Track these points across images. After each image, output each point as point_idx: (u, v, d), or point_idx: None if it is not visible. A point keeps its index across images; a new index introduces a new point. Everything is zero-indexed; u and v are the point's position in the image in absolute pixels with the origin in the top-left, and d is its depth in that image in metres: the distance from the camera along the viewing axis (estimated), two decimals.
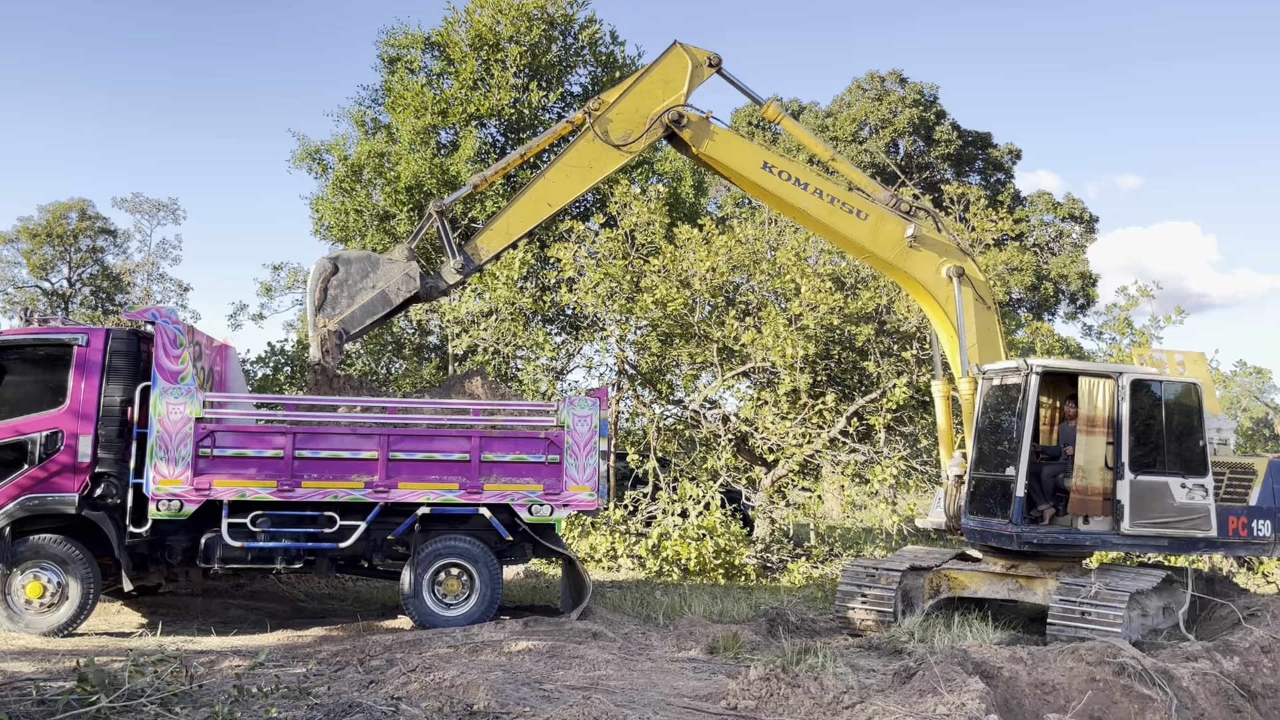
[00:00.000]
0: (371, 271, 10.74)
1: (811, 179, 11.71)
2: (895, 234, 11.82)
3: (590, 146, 11.19)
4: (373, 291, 10.69)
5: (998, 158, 40.04)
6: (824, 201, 11.63)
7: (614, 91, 11.51)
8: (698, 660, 9.10)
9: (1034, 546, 10.65)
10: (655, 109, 11.28)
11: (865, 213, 11.76)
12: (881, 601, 11.22)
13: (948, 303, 11.96)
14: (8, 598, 9.94)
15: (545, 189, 11.15)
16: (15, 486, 9.97)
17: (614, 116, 11.21)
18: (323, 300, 10.55)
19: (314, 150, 24.15)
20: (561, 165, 11.18)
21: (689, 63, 11.42)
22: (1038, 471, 11.17)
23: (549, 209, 11.24)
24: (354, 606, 12.50)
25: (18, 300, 51.70)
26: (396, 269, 10.78)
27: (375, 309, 10.76)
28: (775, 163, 11.64)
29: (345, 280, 10.65)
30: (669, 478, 17.22)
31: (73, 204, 52.81)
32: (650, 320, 17.71)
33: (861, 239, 11.83)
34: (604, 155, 11.25)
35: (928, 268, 11.95)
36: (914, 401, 17.47)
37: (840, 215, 11.69)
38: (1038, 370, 10.86)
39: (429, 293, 11.13)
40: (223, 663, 8.41)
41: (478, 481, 10.55)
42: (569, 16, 23.20)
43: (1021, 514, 10.58)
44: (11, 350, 10.38)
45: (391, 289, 10.73)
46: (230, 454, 10.24)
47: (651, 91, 11.32)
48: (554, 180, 11.17)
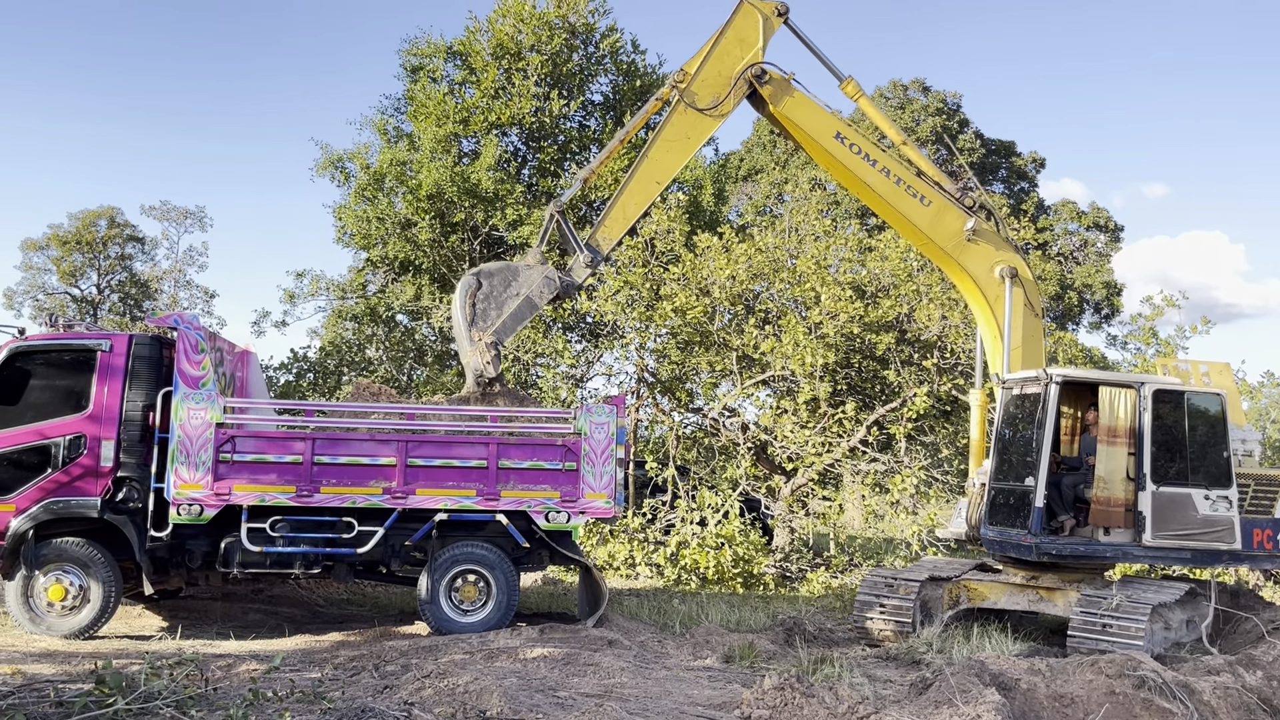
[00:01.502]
0: (513, 280, 11.14)
1: (881, 157, 11.80)
2: (955, 225, 11.83)
3: (683, 118, 11.42)
4: (518, 299, 11.10)
5: (1021, 166, 39.80)
6: (890, 180, 11.75)
7: (694, 60, 11.66)
8: (713, 669, 9.07)
9: (1053, 558, 10.54)
10: (736, 68, 11.51)
11: (929, 199, 11.82)
12: (900, 612, 11.14)
13: (996, 302, 11.93)
14: (30, 600, 10.04)
15: (650, 168, 11.39)
16: (39, 490, 10.08)
17: (699, 84, 11.45)
18: (473, 315, 10.96)
19: (337, 159, 24.35)
20: (661, 142, 11.39)
21: (759, 16, 11.64)
22: (1058, 482, 11.06)
23: (658, 187, 11.55)
24: (371, 612, 12.55)
25: (47, 307, 52.38)
26: (535, 274, 11.16)
27: (523, 315, 11.22)
28: (848, 134, 11.76)
29: (490, 293, 11.06)
30: (688, 486, 17.19)
31: (102, 211, 53.48)
32: (670, 328, 17.71)
33: (921, 224, 11.88)
34: (698, 123, 11.51)
35: (982, 263, 11.94)
36: (935, 411, 17.38)
37: (904, 196, 11.78)
38: (1058, 379, 10.77)
39: (567, 290, 11.45)
40: (239, 666, 8.45)
41: (495, 488, 10.57)
42: (590, 25, 23.29)
43: (1040, 525, 10.49)
44: (37, 355, 10.50)
45: (535, 293, 11.14)
46: (250, 459, 10.31)
47: (730, 52, 11.54)
48: (657, 158, 11.39)
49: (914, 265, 17.43)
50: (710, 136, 12.36)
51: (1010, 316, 11.79)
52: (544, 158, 23.28)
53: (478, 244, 22.76)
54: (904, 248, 17.56)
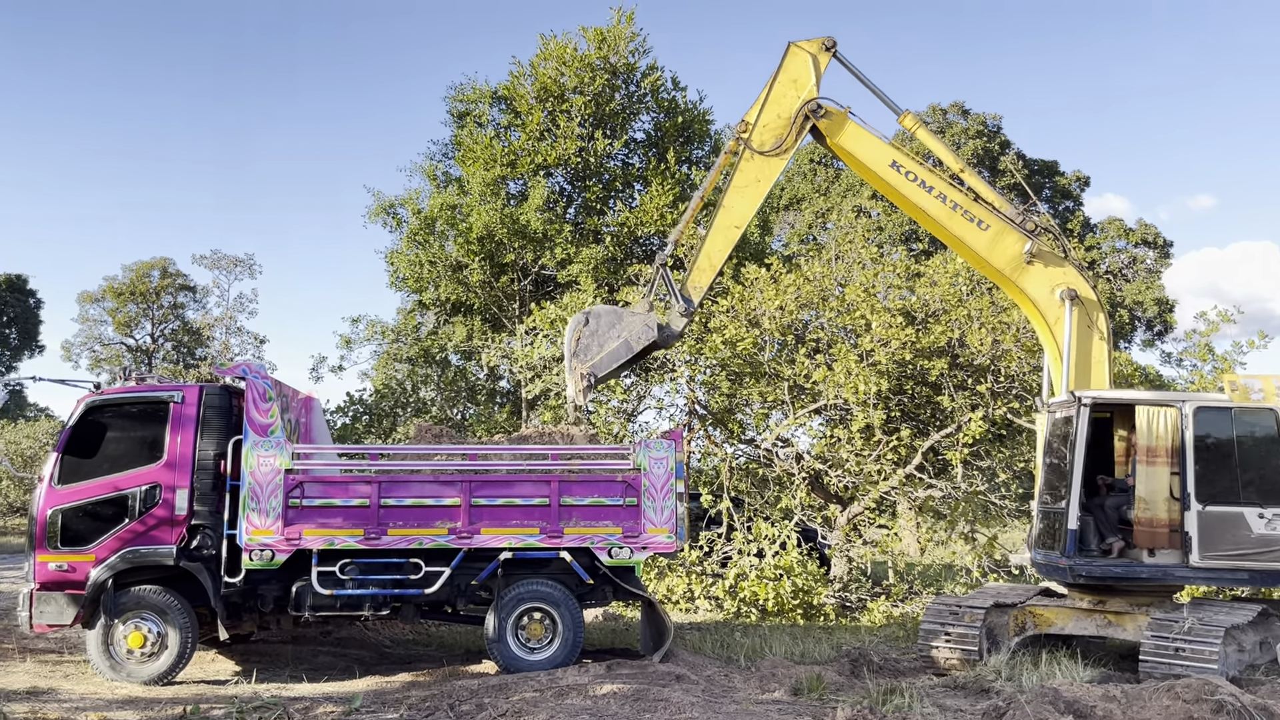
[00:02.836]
0: (617, 323, 11.59)
1: (936, 183, 11.96)
2: (1013, 249, 11.87)
3: (751, 164, 11.80)
4: (617, 341, 11.52)
5: (1065, 185, 39.54)
6: (945, 206, 11.90)
7: (753, 109, 11.97)
8: (782, 702, 9.07)
9: (1089, 580, 10.54)
10: (794, 108, 11.84)
11: (986, 223, 11.90)
12: (966, 640, 11.05)
13: (1056, 324, 11.90)
14: (110, 648, 10.30)
15: (728, 216, 11.80)
16: (117, 540, 10.37)
17: (760, 130, 11.82)
18: (576, 348, 11.44)
19: (388, 205, 24.87)
20: (734, 190, 11.78)
21: (807, 56, 11.96)
22: (1102, 504, 11.01)
23: (737, 231, 11.93)
24: (438, 651, 12.69)
25: (104, 357, 53.67)
26: (638, 320, 11.61)
27: (619, 355, 11.57)
28: (903, 163, 11.98)
29: (595, 330, 11.52)
30: (743, 518, 17.19)
31: (155, 262, 54.84)
32: (719, 360, 17.80)
33: (978, 248, 11.97)
34: (765, 166, 11.89)
35: (1042, 286, 11.95)
36: (990, 435, 17.26)
37: (960, 221, 11.90)
38: (1086, 402, 10.76)
39: (665, 340, 11.84)
40: (317, 709, 8.61)
41: (558, 525, 10.70)
42: (631, 65, 23.66)
43: (1074, 547, 10.47)
44: (112, 408, 10.83)
45: (633, 338, 11.54)
46: (318, 504, 10.53)
47: (785, 94, 11.88)
48: (732, 205, 11.79)
49: (964, 290, 17.39)
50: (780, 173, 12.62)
51: (1070, 338, 11.74)
52: (589, 196, 23.60)
53: (527, 283, 23.07)
54: (953, 272, 17.54)
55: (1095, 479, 11.46)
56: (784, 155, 11.94)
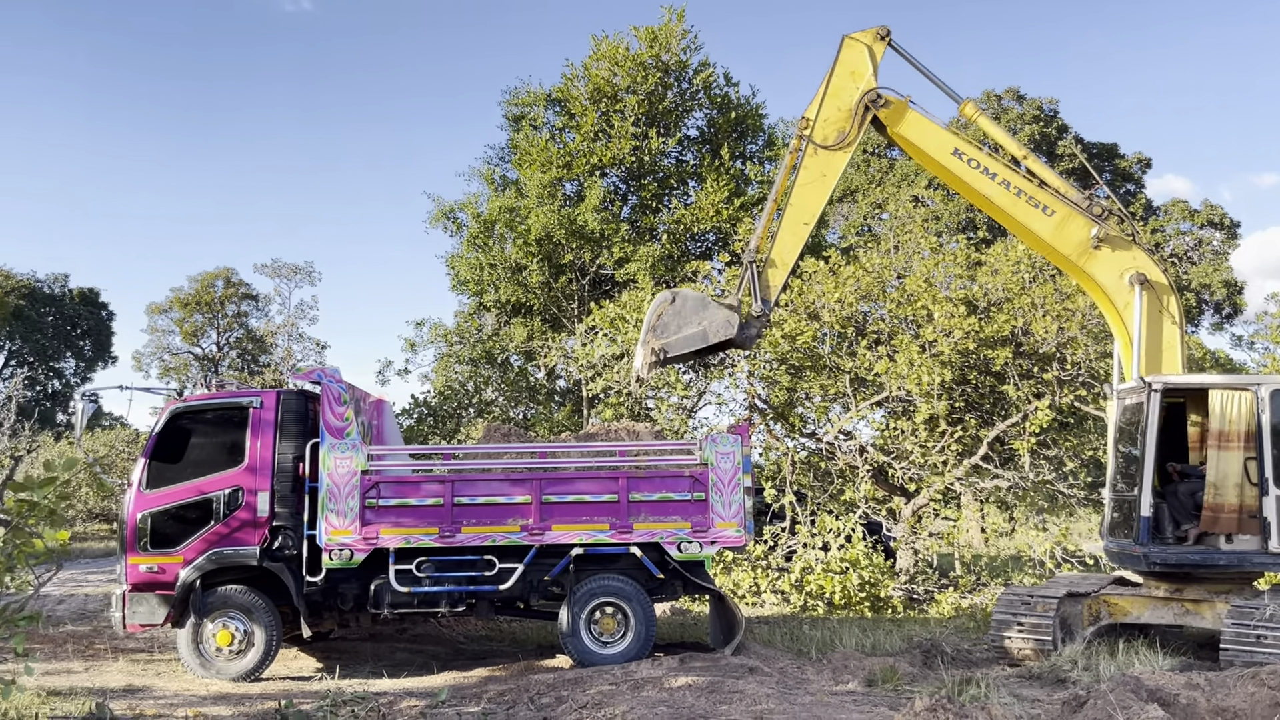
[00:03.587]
0: (701, 310, 11.55)
1: (999, 169, 11.83)
2: (1080, 234, 11.74)
3: (815, 160, 11.75)
4: (696, 327, 11.47)
5: (1126, 168, 38.79)
6: (1009, 193, 11.79)
7: (812, 104, 11.94)
8: (857, 693, 9.12)
9: (1164, 567, 10.38)
10: (853, 100, 11.77)
11: (1051, 209, 11.76)
12: (1039, 630, 10.98)
13: (1126, 310, 11.74)
14: (200, 646, 10.66)
15: (797, 212, 11.76)
16: (203, 541, 10.72)
17: (822, 125, 11.78)
18: (655, 324, 11.41)
19: (448, 210, 25.23)
20: (800, 186, 11.75)
21: (862, 47, 11.88)
22: (1176, 491, 10.85)
23: (806, 228, 11.86)
24: (511, 647, 12.91)
25: (173, 366, 55.07)
26: (721, 314, 11.55)
27: (693, 342, 11.52)
28: (966, 150, 11.87)
29: (679, 311, 11.49)
30: (806, 512, 17.20)
31: (218, 273, 56.14)
32: (779, 354, 17.82)
33: (1044, 233, 11.83)
34: (830, 161, 11.82)
35: (1110, 271, 11.79)
36: (1057, 423, 17.07)
37: (1024, 207, 11.78)
38: (1157, 387, 10.61)
39: (742, 340, 11.77)
40: (400, 703, 8.84)
41: (627, 521, 10.85)
42: (683, 63, 23.74)
43: (1148, 534, 10.33)
44: (194, 414, 11.20)
45: (711, 329, 11.49)
46: (393, 503, 10.78)
47: (844, 87, 11.82)
48: (800, 202, 11.75)
49: (1026, 277, 17.22)
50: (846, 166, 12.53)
51: (1140, 323, 11.56)
52: (645, 194, 23.73)
53: (585, 283, 23.28)
54: (1014, 260, 17.38)
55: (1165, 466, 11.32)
56: (848, 148, 11.87)
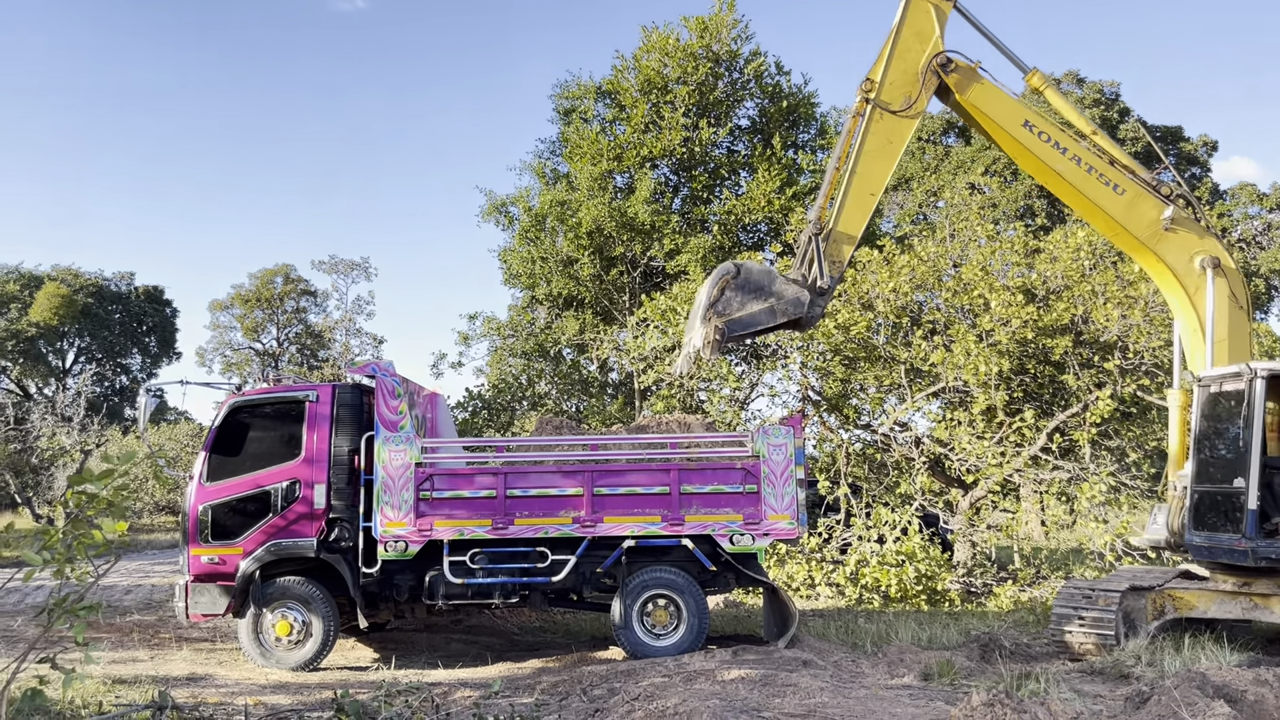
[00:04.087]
0: (767, 285, 10.86)
1: (1070, 144, 11.45)
2: (1150, 214, 11.41)
3: (881, 125, 11.20)
4: (763, 305, 10.80)
5: (1191, 151, 37.81)
6: (1080, 169, 11.40)
7: (876, 65, 11.44)
8: (913, 687, 9.01)
9: (1272, 562, 10.00)
10: (920, 62, 11.29)
11: (1122, 187, 11.42)
12: (1101, 624, 10.76)
13: (1196, 294, 11.40)
14: (260, 636, 10.86)
15: (862, 182, 11.16)
16: (262, 533, 10.91)
17: (888, 88, 11.24)
18: (717, 299, 10.68)
19: (500, 204, 25.38)
20: (865, 154, 11.19)
21: (929, 7, 11.42)
22: (1268, 482, 10.50)
23: (873, 199, 11.29)
24: (565, 638, 12.97)
25: (235, 362, 56.18)
26: (790, 290, 10.89)
27: (760, 321, 10.89)
28: (1036, 122, 11.45)
29: (743, 286, 10.80)
30: (861, 504, 17.03)
31: (278, 269, 57.08)
32: (832, 345, 17.64)
33: (1115, 212, 11.49)
34: (896, 127, 11.28)
35: (1181, 254, 11.45)
36: (1119, 414, 16.69)
37: (1095, 184, 11.42)
38: (1263, 374, 10.25)
39: (809, 320, 11.20)
40: (455, 694, 8.92)
41: (679, 513, 10.83)
42: (734, 52, 23.59)
43: (1255, 528, 9.97)
44: (253, 408, 11.39)
45: (780, 307, 10.83)
46: (447, 496, 10.88)
47: (910, 48, 11.34)
48: (865, 171, 11.17)
49: (1086, 264, 16.85)
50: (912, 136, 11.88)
51: (1213, 309, 11.22)
52: (695, 186, 23.64)
53: (637, 275, 23.27)
54: (1074, 247, 17.00)
55: None
56: (915, 114, 11.31)
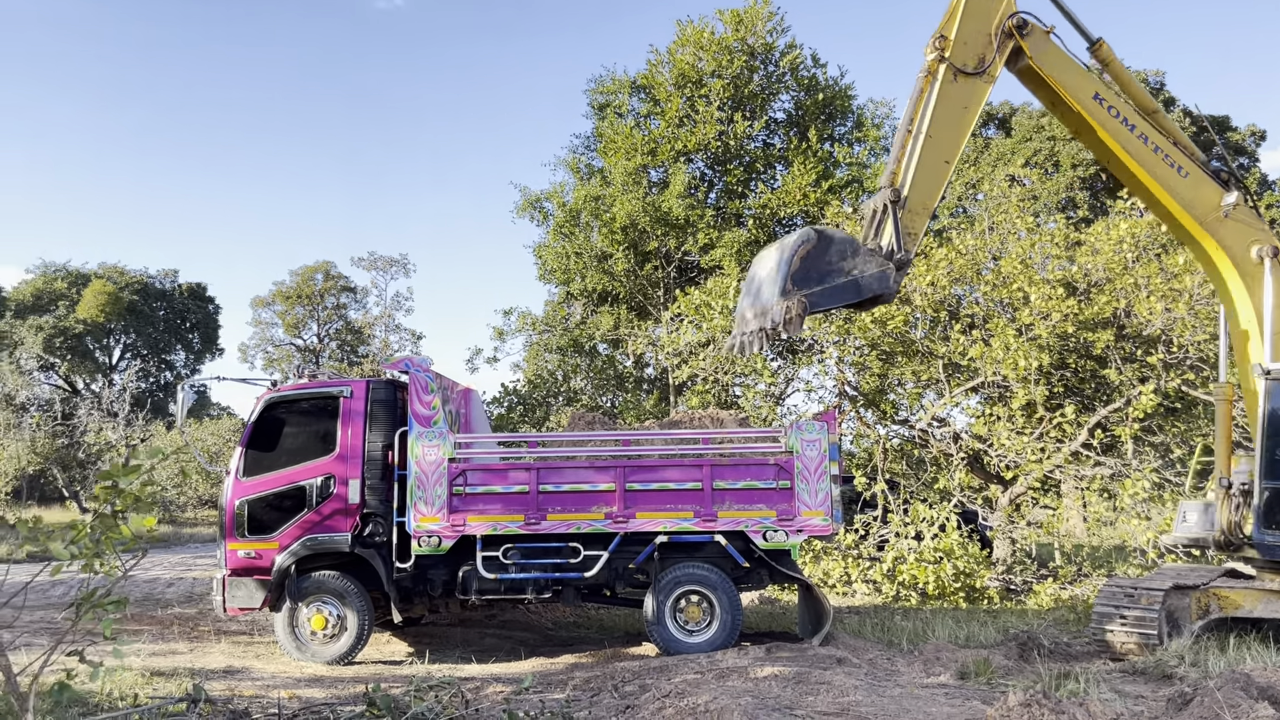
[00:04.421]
0: (850, 257, 9.85)
1: (1139, 122, 11.02)
2: (1210, 199, 11.07)
3: (954, 88, 10.38)
4: (845, 278, 9.81)
5: (1239, 141, 37.02)
6: (1147, 148, 11.01)
7: (948, 21, 10.63)
8: (949, 686, 8.88)
9: None
10: (994, 21, 10.57)
11: (1185, 169, 11.06)
12: (1143, 623, 10.54)
13: (1254, 284, 11.09)
14: (295, 630, 10.95)
15: (935, 149, 10.32)
16: (297, 528, 11.00)
17: (960, 47, 10.43)
18: (797, 269, 9.64)
19: (535, 199, 25.41)
20: (938, 119, 10.33)
21: None
22: None
23: (947, 167, 10.46)
24: (598, 634, 12.95)
25: (276, 358, 56.85)
26: (873, 262, 9.90)
27: (844, 295, 9.90)
28: (1106, 97, 10.98)
29: (824, 256, 9.77)
30: (899, 500, 16.86)
31: (318, 266, 57.69)
32: (869, 339, 17.47)
33: (1179, 194, 11.12)
34: (971, 90, 10.50)
35: (1240, 241, 11.10)
36: (1162, 409, 16.37)
37: (1160, 164, 11.04)
38: None
39: (890, 295, 10.29)
40: (487, 689, 8.92)
41: (711, 509, 10.76)
42: (769, 45, 23.42)
43: None
44: (288, 404, 11.47)
45: (865, 281, 9.83)
46: (480, 491, 10.89)
47: (982, 7, 10.59)
48: (939, 137, 10.33)
49: (1129, 257, 16.52)
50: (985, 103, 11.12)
51: (1273, 300, 10.91)
52: (730, 180, 23.52)
53: (671, 270, 23.19)
54: (1116, 239, 16.67)
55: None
56: (989, 79, 10.51)
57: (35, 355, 48.36)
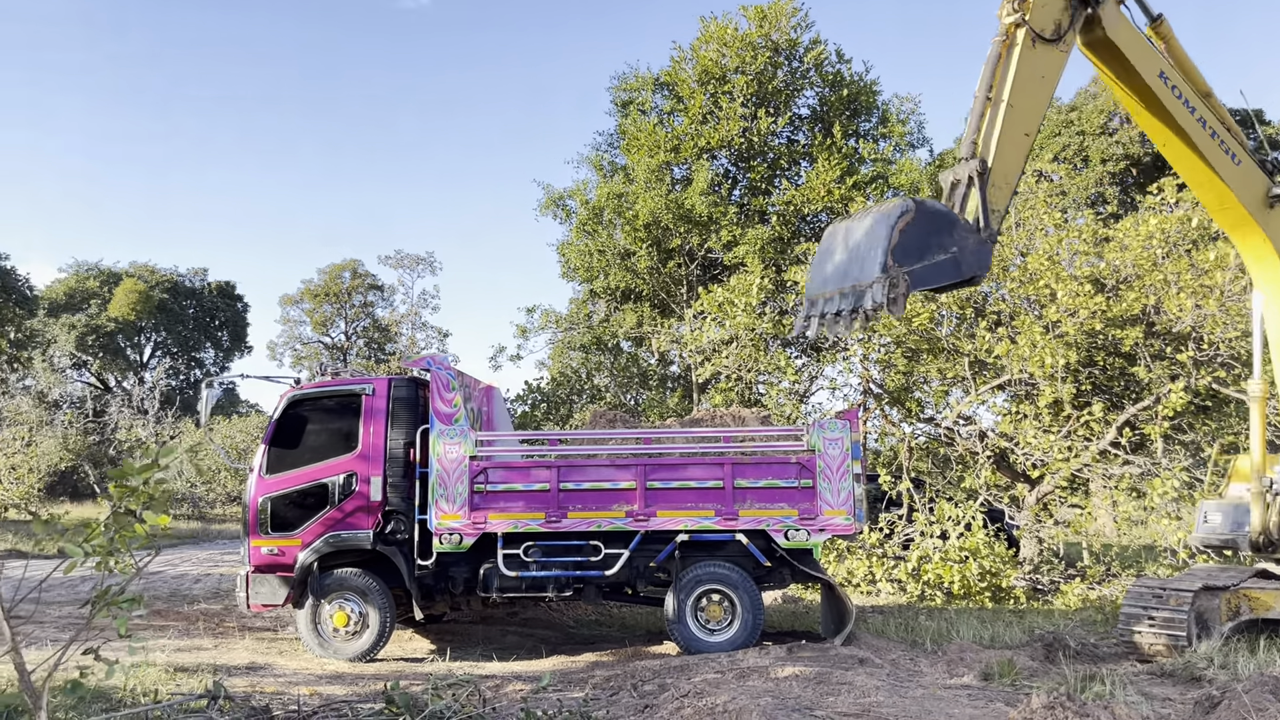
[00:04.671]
0: (948, 231, 8.90)
1: (1198, 104, 10.65)
2: (1260, 187, 10.84)
3: (1033, 54, 9.59)
4: (944, 254, 8.85)
5: (1272, 135, 36.41)
6: (1205, 132, 10.65)
7: None
8: (972, 687, 8.78)
9: None
10: None
11: (1239, 157, 10.78)
12: (1172, 624, 10.39)
13: None
14: (318, 626, 10.99)
15: (1019, 118, 9.56)
16: (320, 525, 11.04)
17: (1039, 9, 9.64)
18: (898, 241, 8.65)
19: (558, 197, 25.42)
20: (1016, 88, 9.56)
21: None
22: None
23: (1028, 140, 9.76)
24: (620, 632, 12.93)
25: (304, 355, 57.30)
26: (971, 239, 8.97)
27: (944, 274, 8.91)
28: (1171, 76, 10.56)
29: (923, 229, 8.80)
30: (924, 499, 16.73)
31: (345, 264, 58.10)
32: (894, 337, 17.35)
33: (1231, 181, 10.81)
34: (1048, 59, 9.72)
35: None
36: (1193, 407, 16.14)
37: (1216, 149, 10.71)
38: None
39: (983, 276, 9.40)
40: (507, 687, 8.93)
41: (733, 508, 10.70)
42: (793, 41, 23.29)
43: None
44: (310, 401, 11.51)
45: (965, 260, 8.85)
46: (501, 488, 10.89)
47: None
48: (1019, 106, 9.57)
49: (1158, 253, 16.30)
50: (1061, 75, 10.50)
51: None
52: (754, 176, 23.42)
53: (694, 268, 23.13)
54: (1145, 235, 16.45)
55: None
56: (1066, 48, 9.78)
57: (68, 353, 49.03)
